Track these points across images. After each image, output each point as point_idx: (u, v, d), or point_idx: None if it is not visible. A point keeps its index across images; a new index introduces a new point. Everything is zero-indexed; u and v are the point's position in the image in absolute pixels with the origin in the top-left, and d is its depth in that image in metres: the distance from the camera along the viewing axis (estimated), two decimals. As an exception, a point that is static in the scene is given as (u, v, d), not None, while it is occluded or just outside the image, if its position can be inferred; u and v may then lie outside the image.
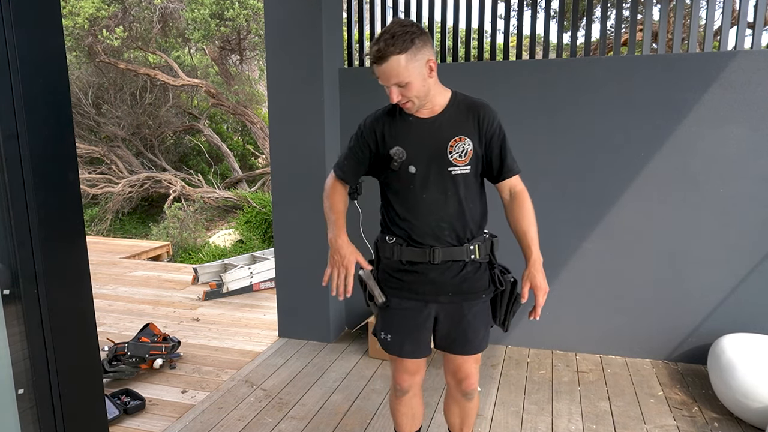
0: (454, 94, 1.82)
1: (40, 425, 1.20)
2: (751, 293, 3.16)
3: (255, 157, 13.20)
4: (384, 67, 1.65)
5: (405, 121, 1.80)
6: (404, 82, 1.66)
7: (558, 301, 3.45)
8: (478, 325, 1.91)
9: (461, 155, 1.77)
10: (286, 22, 3.41)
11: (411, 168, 1.78)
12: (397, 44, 1.61)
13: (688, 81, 3.09)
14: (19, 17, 1.09)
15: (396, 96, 1.69)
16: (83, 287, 1.28)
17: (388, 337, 1.94)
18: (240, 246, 9.22)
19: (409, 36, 1.62)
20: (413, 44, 1.63)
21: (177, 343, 3.43)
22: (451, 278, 1.84)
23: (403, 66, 1.63)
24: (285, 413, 2.82)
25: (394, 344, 1.94)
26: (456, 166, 1.78)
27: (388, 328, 1.94)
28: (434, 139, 1.77)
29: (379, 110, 1.89)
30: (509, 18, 3.47)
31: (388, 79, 1.67)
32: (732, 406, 2.67)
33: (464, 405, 2.09)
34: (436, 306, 1.89)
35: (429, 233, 1.81)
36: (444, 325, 1.92)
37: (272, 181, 3.67)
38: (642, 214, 3.26)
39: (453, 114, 1.79)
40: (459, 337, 1.91)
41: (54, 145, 1.19)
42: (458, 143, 1.77)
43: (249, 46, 11.35)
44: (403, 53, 1.62)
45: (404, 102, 1.72)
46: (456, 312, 1.89)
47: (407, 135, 1.79)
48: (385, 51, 1.62)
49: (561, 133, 3.31)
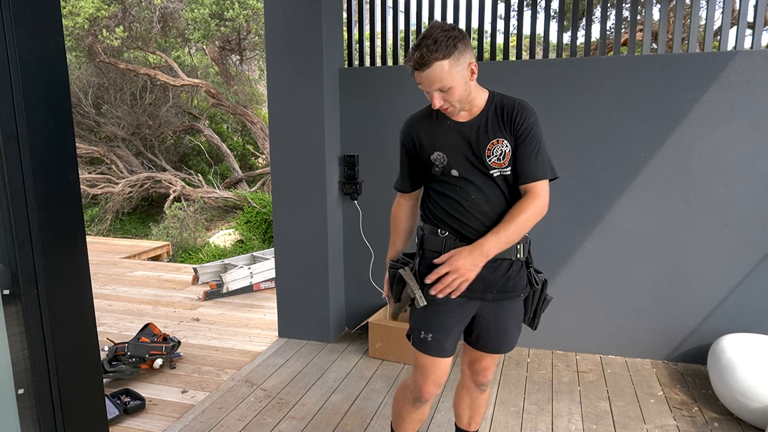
0: (492, 95, 1.81)
1: (40, 425, 1.20)
2: (751, 293, 3.16)
3: (255, 157, 13.19)
4: (427, 73, 1.63)
5: (442, 126, 1.80)
6: (447, 87, 1.65)
7: (558, 301, 3.45)
8: (514, 324, 1.94)
9: (500, 158, 1.77)
10: (286, 22, 3.41)
11: (454, 171, 1.79)
12: (440, 49, 1.60)
13: (688, 81, 3.09)
14: (19, 17, 1.09)
15: (438, 101, 1.68)
16: (83, 287, 1.28)
17: (429, 336, 1.84)
18: (240, 246, 9.22)
19: (452, 41, 1.61)
20: (456, 49, 1.62)
21: (177, 343, 3.43)
22: (500, 276, 1.83)
23: (446, 71, 1.62)
24: (285, 413, 2.81)
25: (435, 343, 1.85)
26: (495, 169, 1.77)
27: (430, 326, 1.84)
28: (473, 143, 1.77)
29: (414, 115, 1.89)
30: (509, 18, 3.47)
31: (431, 85, 1.65)
32: (732, 406, 2.67)
33: (476, 396, 2.11)
34: (480, 304, 1.87)
35: (479, 231, 1.78)
36: (483, 323, 1.90)
37: (272, 181, 3.67)
38: (642, 214, 3.26)
39: (490, 116, 1.78)
40: (497, 335, 1.92)
41: (54, 145, 1.19)
42: (495, 146, 1.76)
43: (249, 46, 11.35)
44: (447, 59, 1.61)
45: (445, 107, 1.72)
46: (497, 310, 1.88)
47: (446, 140, 1.79)
48: (429, 57, 1.60)
49: (561, 132, 3.31)
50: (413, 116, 1.89)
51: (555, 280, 3.44)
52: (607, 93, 3.22)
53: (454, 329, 1.86)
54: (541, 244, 3.43)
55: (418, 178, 1.93)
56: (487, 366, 2.01)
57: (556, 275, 3.43)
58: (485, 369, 2.02)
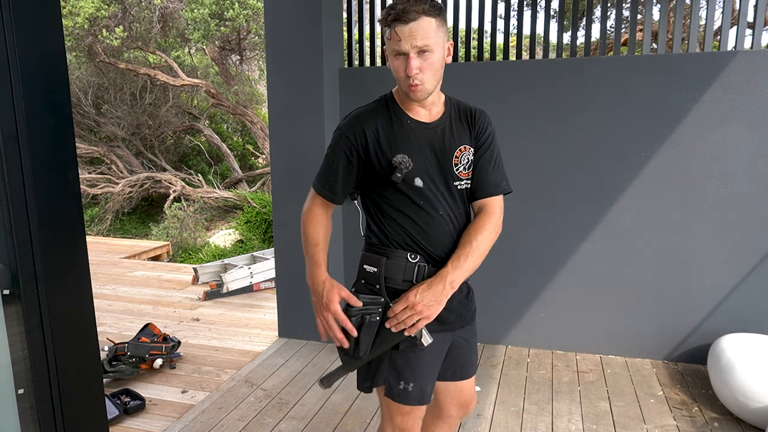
0: (449, 98, 1.61)
1: (40, 425, 1.20)
2: (751, 293, 3.16)
3: (255, 157, 13.20)
4: (412, 25, 1.38)
5: (402, 125, 1.52)
6: (429, 48, 1.40)
7: (558, 301, 3.45)
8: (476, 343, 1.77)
9: (466, 167, 1.55)
10: (286, 22, 3.41)
11: (417, 181, 1.49)
12: (428, 4, 1.38)
13: (688, 81, 3.09)
14: (19, 17, 1.09)
15: (415, 66, 1.40)
16: (83, 287, 1.28)
17: (410, 386, 1.54)
18: (240, 246, 9.22)
19: (437, 4, 1.42)
20: (443, 12, 1.44)
21: (177, 343, 3.43)
22: (463, 299, 1.63)
23: (433, 30, 1.40)
24: (285, 413, 2.81)
25: (416, 393, 1.56)
26: (461, 180, 1.55)
27: (411, 374, 1.54)
28: (439, 148, 1.52)
29: (363, 110, 1.56)
30: (509, 18, 3.47)
31: (413, 40, 1.38)
32: (732, 406, 2.67)
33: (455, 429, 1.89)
34: (453, 334, 1.64)
35: (449, 252, 1.53)
36: (458, 350, 1.69)
37: (272, 181, 3.66)
38: (642, 214, 3.26)
39: (453, 119, 1.57)
40: (469, 360, 1.74)
41: (54, 145, 1.19)
42: (463, 153, 1.54)
43: (249, 46, 11.35)
44: (435, 17, 1.40)
45: (415, 83, 1.43)
46: (467, 333, 1.70)
47: (409, 142, 1.50)
48: (417, 9, 1.37)
49: (561, 132, 3.31)
50: (362, 111, 1.55)
51: (555, 280, 3.44)
52: (607, 93, 3.22)
53: (435, 372, 1.63)
54: (541, 244, 3.43)
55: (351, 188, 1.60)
56: (473, 391, 1.81)
57: (556, 275, 3.43)
58: (472, 395, 1.81)
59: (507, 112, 3.36)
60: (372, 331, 1.50)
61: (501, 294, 3.53)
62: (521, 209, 3.38)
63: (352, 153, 1.52)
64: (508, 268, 3.49)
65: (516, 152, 3.35)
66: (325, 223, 1.61)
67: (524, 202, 3.37)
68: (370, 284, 1.55)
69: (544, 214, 3.41)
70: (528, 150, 3.37)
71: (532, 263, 3.46)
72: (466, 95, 1.80)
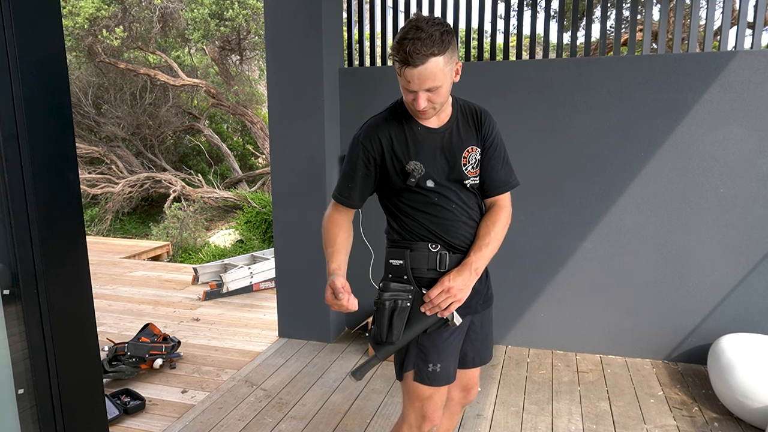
0: (455, 100, 1.69)
1: (40, 425, 1.20)
2: (751, 293, 3.16)
3: (255, 157, 13.20)
4: (420, 69, 1.43)
5: (413, 132, 1.61)
6: (437, 87, 1.47)
7: (558, 301, 3.46)
8: (491, 329, 1.90)
9: (474, 166, 1.66)
10: (286, 22, 3.41)
11: (429, 183, 1.61)
12: (436, 44, 1.41)
13: (688, 81, 3.09)
14: (19, 17, 1.09)
15: (423, 102, 1.49)
16: (83, 287, 1.28)
17: (438, 367, 1.66)
18: (240, 246, 9.22)
19: (446, 36, 1.44)
20: (450, 45, 1.46)
21: (177, 343, 3.43)
22: (481, 285, 1.76)
23: (440, 69, 1.44)
24: (285, 413, 2.82)
25: (443, 373, 1.67)
26: (470, 178, 1.66)
27: (437, 355, 1.66)
28: (448, 151, 1.63)
29: (377, 119, 1.66)
30: (509, 18, 3.47)
31: (422, 84, 1.45)
32: (732, 406, 2.67)
33: (457, 417, 2.01)
34: (471, 317, 1.78)
35: (465, 240, 1.67)
36: (473, 336, 1.82)
37: (272, 181, 3.67)
38: (642, 214, 3.26)
39: (460, 122, 1.66)
40: (482, 343, 1.86)
41: (54, 145, 1.19)
42: (471, 154, 1.65)
43: (249, 46, 11.35)
44: (442, 55, 1.44)
45: (423, 110, 1.53)
46: (483, 319, 1.83)
47: (420, 148, 1.61)
48: (425, 52, 1.41)
49: (561, 132, 3.31)
50: (376, 120, 1.65)
51: (555, 280, 3.44)
52: (607, 93, 3.22)
53: (458, 352, 1.75)
54: (541, 244, 3.43)
55: (369, 192, 1.71)
56: (477, 380, 1.94)
57: (556, 275, 3.43)
58: (475, 384, 1.94)
59: (507, 112, 3.36)
60: (404, 316, 1.61)
61: (501, 294, 3.53)
62: (521, 209, 3.38)
63: (369, 160, 1.63)
64: (508, 268, 3.49)
65: (516, 152, 3.34)
66: (343, 226, 1.70)
67: (524, 202, 3.37)
68: (398, 277, 1.68)
69: (543, 214, 3.41)
70: (528, 150, 3.37)
71: (532, 263, 3.46)
72: (467, 95, 1.81)
